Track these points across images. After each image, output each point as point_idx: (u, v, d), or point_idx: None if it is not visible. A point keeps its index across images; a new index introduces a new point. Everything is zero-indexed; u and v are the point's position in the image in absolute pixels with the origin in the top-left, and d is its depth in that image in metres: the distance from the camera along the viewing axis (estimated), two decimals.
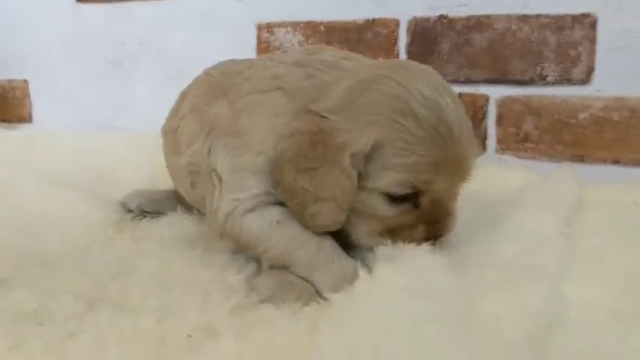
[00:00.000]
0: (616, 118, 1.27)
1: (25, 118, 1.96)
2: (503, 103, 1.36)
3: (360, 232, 0.85)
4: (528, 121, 1.34)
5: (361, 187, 0.80)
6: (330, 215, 0.81)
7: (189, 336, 0.72)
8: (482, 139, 1.39)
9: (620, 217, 1.10)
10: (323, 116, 0.80)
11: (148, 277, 0.87)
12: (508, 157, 1.37)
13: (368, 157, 0.78)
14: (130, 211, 1.17)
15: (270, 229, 0.85)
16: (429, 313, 0.67)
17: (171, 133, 1.06)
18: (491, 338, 0.66)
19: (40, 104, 1.94)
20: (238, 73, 0.96)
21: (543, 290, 0.77)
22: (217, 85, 0.98)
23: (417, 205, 0.83)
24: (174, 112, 1.07)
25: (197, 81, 1.05)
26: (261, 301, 0.80)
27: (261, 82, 0.92)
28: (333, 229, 0.83)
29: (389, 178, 0.79)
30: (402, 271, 0.75)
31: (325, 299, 0.79)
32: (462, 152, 0.81)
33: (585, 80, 1.28)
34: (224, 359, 0.65)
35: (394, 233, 0.83)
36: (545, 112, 1.32)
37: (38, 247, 1.00)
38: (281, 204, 0.87)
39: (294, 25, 1.51)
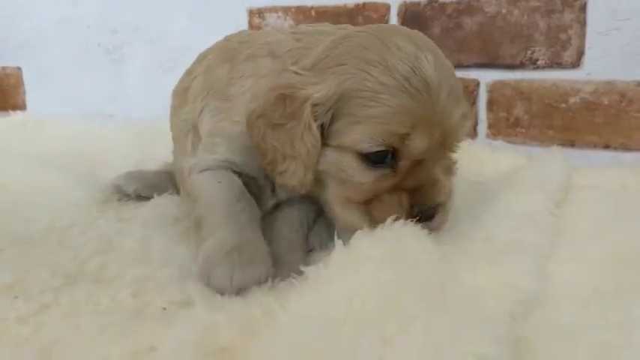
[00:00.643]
0: (606, 103, 1.26)
1: (19, 106, 1.96)
2: (494, 88, 1.35)
3: (335, 201, 0.81)
4: (519, 105, 1.33)
5: (332, 147, 0.77)
6: (296, 174, 0.78)
7: (164, 309, 0.72)
8: (474, 125, 1.38)
9: (608, 199, 1.09)
10: (297, 73, 0.79)
11: (127, 253, 0.87)
12: (499, 143, 1.37)
13: (336, 111, 0.75)
14: (126, 195, 1.16)
15: (211, 187, 0.85)
16: (404, 283, 0.67)
17: (181, 92, 1.06)
18: (469, 311, 0.66)
19: (33, 91, 1.95)
20: (246, 42, 0.96)
21: (527, 267, 0.77)
22: (230, 51, 0.97)
23: (394, 170, 0.77)
24: (188, 73, 1.08)
25: (216, 45, 1.05)
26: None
27: (256, 49, 0.92)
28: (301, 190, 0.80)
29: (357, 132, 0.74)
30: (378, 240, 0.74)
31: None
32: (440, 109, 0.75)
33: (575, 64, 1.27)
34: (198, 329, 0.65)
35: (373, 204, 0.78)
36: (536, 96, 1.31)
37: (23, 225, 1.00)
38: (240, 174, 0.87)
39: (285, 10, 1.50)
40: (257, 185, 0.90)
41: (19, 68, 1.94)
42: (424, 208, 0.78)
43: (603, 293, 0.74)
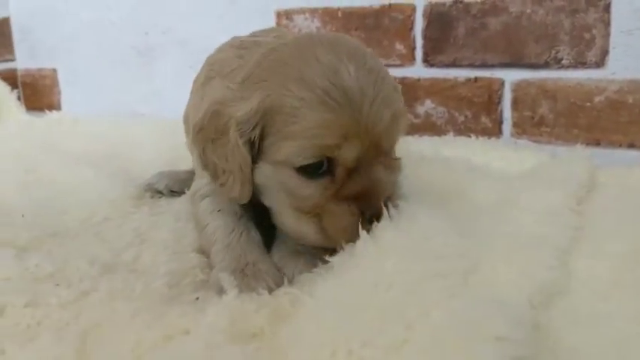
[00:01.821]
0: (630, 101, 1.26)
1: (54, 106, 2.02)
2: (519, 87, 1.36)
3: (284, 212, 0.81)
4: (544, 104, 1.34)
5: (269, 162, 0.79)
6: (234, 187, 0.80)
7: (197, 298, 0.75)
8: (499, 124, 1.40)
9: (631, 198, 1.10)
10: (229, 87, 0.81)
11: (160, 244, 0.91)
12: (524, 142, 1.38)
13: (263, 127, 0.77)
14: (158, 191, 1.20)
15: (211, 215, 0.88)
16: (426, 272, 0.69)
17: None
18: (489, 298, 0.68)
19: (68, 92, 2.00)
20: (208, 64, 1.03)
21: (547, 260, 0.79)
22: (204, 73, 1.03)
23: (333, 178, 0.77)
24: None
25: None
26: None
27: (208, 71, 0.98)
28: (243, 201, 0.82)
29: (287, 147, 0.75)
30: (403, 232, 0.76)
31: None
32: (365, 117, 0.75)
33: (600, 63, 1.28)
34: (229, 315, 0.68)
35: (324, 218, 0.78)
36: (561, 95, 1.32)
37: (59, 219, 1.05)
38: None
39: (312, 12, 1.53)
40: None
41: (54, 69, 2.00)
42: (373, 211, 0.78)
43: (622, 286, 0.76)
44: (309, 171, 0.77)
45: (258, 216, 0.88)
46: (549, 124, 1.35)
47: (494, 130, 1.40)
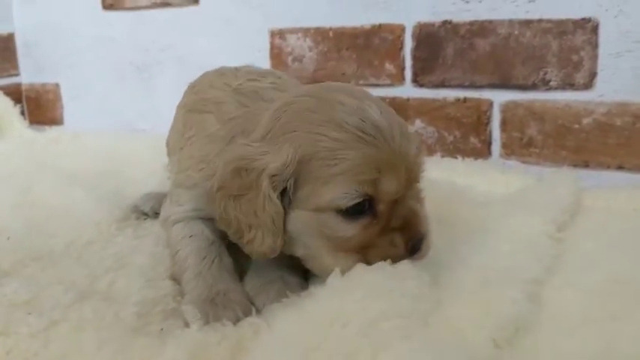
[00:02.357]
0: (619, 124, 1.26)
1: (57, 120, 2.05)
2: (507, 108, 1.36)
3: (324, 254, 0.80)
4: (532, 125, 1.34)
5: (307, 210, 0.78)
6: (265, 241, 0.79)
7: (162, 329, 0.77)
8: (488, 144, 1.40)
9: (616, 223, 1.10)
10: (248, 145, 0.81)
11: (136, 271, 0.92)
12: (513, 162, 1.38)
13: (297, 177, 0.77)
14: (144, 213, 1.22)
15: (182, 242, 0.90)
16: (387, 312, 0.69)
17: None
18: (447, 339, 0.68)
19: (71, 107, 2.04)
20: (195, 93, 1.04)
21: (514, 294, 0.78)
22: (186, 101, 1.07)
23: (375, 216, 0.78)
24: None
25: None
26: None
27: (199, 104, 0.98)
28: (272, 255, 0.80)
29: (330, 192, 0.76)
30: (375, 268, 0.77)
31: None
32: (398, 148, 0.77)
33: (588, 85, 1.27)
34: (190, 348, 0.69)
35: (368, 252, 0.79)
36: (549, 116, 1.32)
37: (45, 242, 1.06)
38: (211, 219, 0.89)
39: (305, 32, 1.55)
40: None
41: (57, 84, 2.04)
42: (414, 242, 0.80)
43: (591, 321, 0.75)
44: (352, 212, 0.77)
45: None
46: (538, 145, 1.35)
47: (484, 151, 1.40)
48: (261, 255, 0.81)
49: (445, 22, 1.38)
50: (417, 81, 1.44)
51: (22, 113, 2.01)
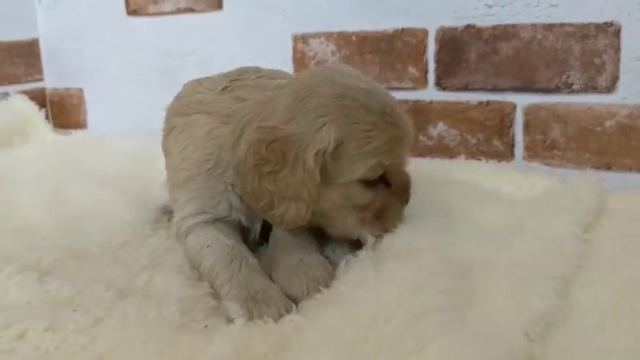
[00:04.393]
0: None
1: (81, 124, 2.08)
2: (530, 111, 1.38)
3: (346, 225, 0.94)
4: (555, 128, 1.36)
5: (337, 184, 0.89)
6: (297, 212, 0.88)
7: (206, 326, 0.79)
8: (510, 147, 1.41)
9: (639, 224, 1.11)
10: (275, 127, 0.88)
11: (173, 269, 0.94)
12: (536, 165, 1.39)
13: (333, 155, 0.87)
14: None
15: (201, 253, 0.94)
16: (426, 307, 0.71)
17: None
18: (484, 333, 0.70)
19: (94, 111, 2.06)
20: (178, 97, 1.11)
21: (544, 290, 0.80)
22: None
23: (387, 183, 0.93)
24: None
25: None
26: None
27: (185, 107, 1.04)
28: (301, 224, 0.90)
29: (362, 168, 0.88)
30: (406, 265, 0.79)
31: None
32: (406, 125, 0.92)
33: (610, 88, 1.29)
34: (235, 343, 0.71)
35: (379, 216, 0.93)
36: (572, 119, 1.34)
37: (80, 242, 1.08)
38: (217, 220, 0.97)
39: (328, 36, 1.57)
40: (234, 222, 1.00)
41: (80, 89, 2.07)
42: (407, 200, 0.98)
43: (620, 317, 0.77)
44: (372, 182, 0.91)
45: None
46: (561, 148, 1.36)
47: (506, 154, 1.41)
48: (290, 224, 0.89)
49: (468, 27, 1.40)
50: (440, 84, 1.46)
51: (47, 117, 2.03)
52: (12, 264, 0.95)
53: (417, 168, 1.27)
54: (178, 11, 1.82)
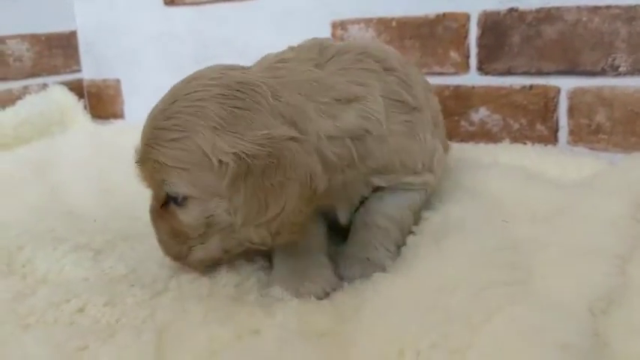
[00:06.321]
0: None
1: (118, 115, 2.10)
2: (575, 95, 1.36)
3: None
4: (600, 112, 1.34)
5: None
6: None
7: (262, 295, 0.79)
8: (554, 131, 1.40)
9: None
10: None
11: None
12: (580, 149, 1.37)
13: None
14: None
15: None
16: (489, 280, 0.71)
17: None
18: (550, 305, 0.69)
19: (131, 101, 2.09)
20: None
21: (607, 268, 0.80)
22: None
23: None
24: None
25: None
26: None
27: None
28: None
29: None
30: (464, 239, 0.79)
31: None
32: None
33: None
34: (298, 316, 0.71)
35: None
36: (618, 103, 1.32)
37: (129, 224, 1.10)
38: None
39: (367, 22, 1.56)
40: None
41: (117, 80, 2.09)
42: None
43: None
44: None
45: None
46: (606, 132, 1.34)
47: (550, 138, 1.40)
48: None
49: (511, 10, 1.39)
50: (482, 69, 1.44)
51: (85, 108, 2.06)
52: (65, 244, 0.96)
53: (461, 153, 1.28)
54: (215, 0, 1.83)
